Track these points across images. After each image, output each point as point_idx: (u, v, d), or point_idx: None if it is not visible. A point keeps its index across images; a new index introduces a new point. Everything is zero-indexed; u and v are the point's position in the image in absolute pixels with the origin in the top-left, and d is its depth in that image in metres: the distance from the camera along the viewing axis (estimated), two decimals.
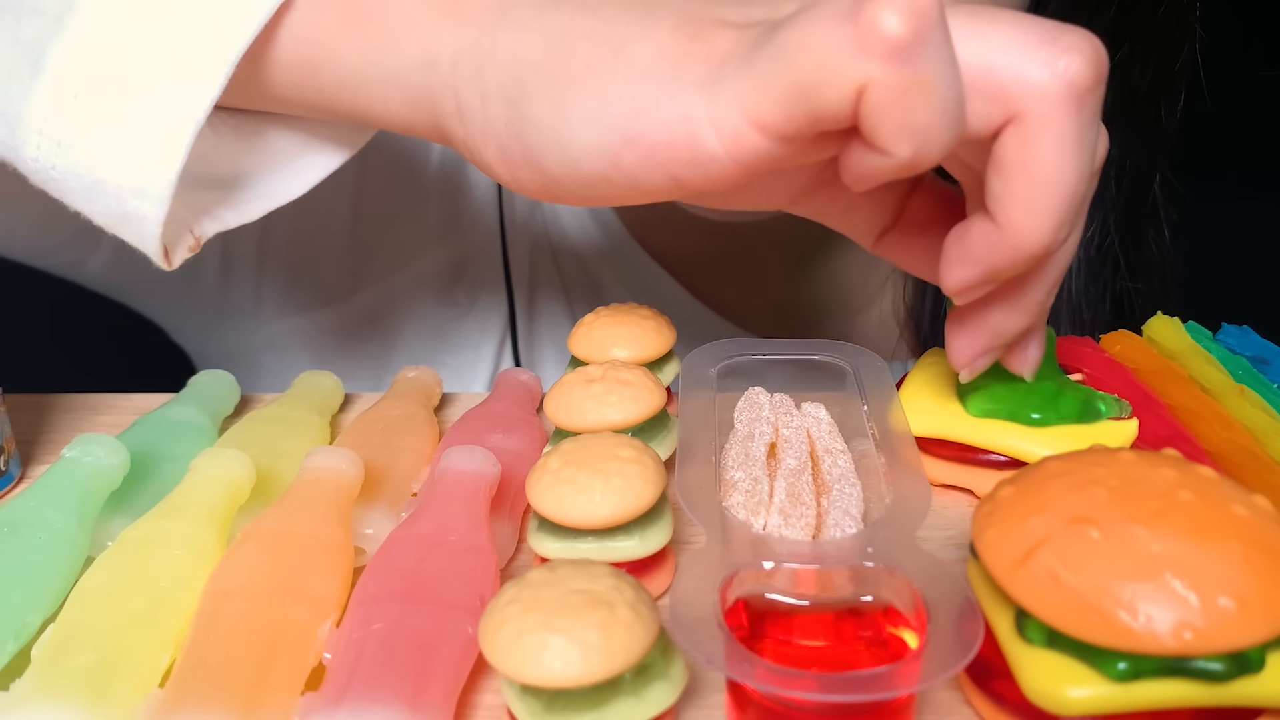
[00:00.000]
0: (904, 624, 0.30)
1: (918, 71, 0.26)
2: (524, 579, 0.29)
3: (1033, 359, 0.37)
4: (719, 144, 0.29)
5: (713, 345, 0.43)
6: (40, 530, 0.35)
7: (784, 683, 0.27)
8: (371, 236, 0.65)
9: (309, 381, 0.48)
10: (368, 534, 0.37)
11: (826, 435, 0.40)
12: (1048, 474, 0.30)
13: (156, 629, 0.32)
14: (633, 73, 0.30)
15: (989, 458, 0.40)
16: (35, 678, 0.29)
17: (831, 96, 0.27)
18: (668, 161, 0.30)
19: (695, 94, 0.29)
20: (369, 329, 0.66)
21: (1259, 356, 0.46)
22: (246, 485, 0.38)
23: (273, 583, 0.33)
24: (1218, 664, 0.27)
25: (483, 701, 0.32)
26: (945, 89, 0.27)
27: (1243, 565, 0.27)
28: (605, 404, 0.38)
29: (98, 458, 0.38)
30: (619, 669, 0.27)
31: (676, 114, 0.29)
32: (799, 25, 0.27)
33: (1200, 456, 0.39)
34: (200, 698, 0.29)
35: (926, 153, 0.28)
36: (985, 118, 0.29)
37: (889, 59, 0.26)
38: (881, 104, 0.27)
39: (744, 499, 0.35)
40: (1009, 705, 0.30)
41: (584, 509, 0.33)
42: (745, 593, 0.31)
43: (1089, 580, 0.27)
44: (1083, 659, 0.28)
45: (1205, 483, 0.29)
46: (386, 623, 0.31)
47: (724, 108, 0.29)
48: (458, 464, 0.37)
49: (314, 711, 0.29)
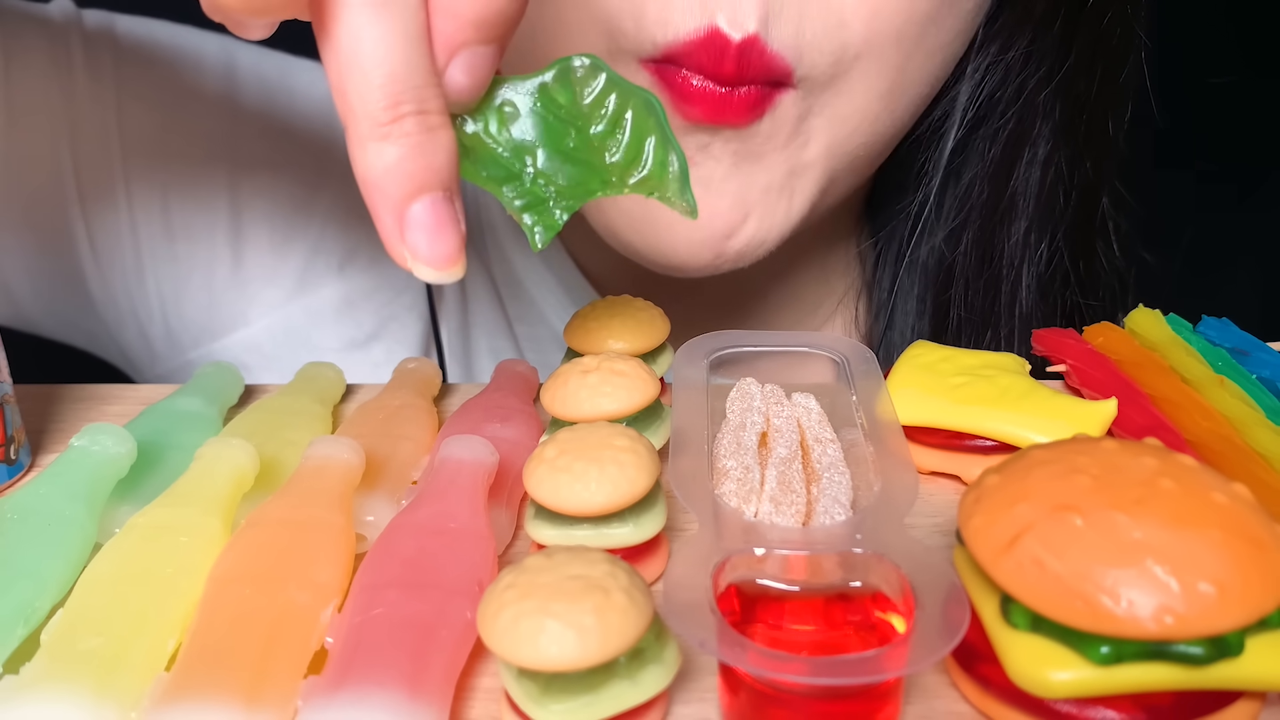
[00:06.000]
0: (892, 609, 0.31)
1: None
2: (521, 565, 0.29)
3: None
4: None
5: (705, 337, 0.43)
6: (49, 518, 0.35)
7: (775, 666, 0.28)
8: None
9: (311, 372, 0.48)
10: (369, 521, 0.38)
11: (816, 425, 0.40)
12: (1032, 462, 0.31)
13: (163, 614, 0.32)
14: None
15: (975, 443, 0.41)
16: (45, 661, 0.30)
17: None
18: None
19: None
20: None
21: (1238, 348, 0.46)
22: (251, 474, 0.38)
23: (276, 569, 0.33)
24: (1198, 648, 0.27)
25: (481, 684, 0.32)
26: None
27: (1223, 552, 0.28)
28: (600, 394, 0.38)
29: (105, 447, 0.38)
30: (614, 653, 0.27)
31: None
32: None
33: (1181, 446, 0.40)
34: (205, 681, 0.29)
35: None
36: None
37: None
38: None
39: (736, 487, 0.35)
40: (994, 688, 0.30)
41: (580, 497, 0.33)
42: (737, 578, 0.31)
43: (1072, 566, 0.28)
44: (1066, 643, 0.28)
45: (1186, 471, 0.30)
46: (387, 608, 0.31)
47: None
48: (456, 453, 0.37)
49: (316, 694, 0.29)
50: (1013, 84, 0.55)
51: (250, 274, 0.65)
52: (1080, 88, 0.55)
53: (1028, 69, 0.54)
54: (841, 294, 0.63)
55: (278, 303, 0.65)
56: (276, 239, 0.64)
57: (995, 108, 0.55)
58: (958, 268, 0.57)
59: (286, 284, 0.65)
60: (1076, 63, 0.54)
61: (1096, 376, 0.45)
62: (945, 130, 0.56)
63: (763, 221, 0.48)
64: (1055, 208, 0.57)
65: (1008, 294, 0.57)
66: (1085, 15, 0.54)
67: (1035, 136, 0.55)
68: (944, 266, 0.58)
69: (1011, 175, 0.56)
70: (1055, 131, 0.55)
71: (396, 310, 0.66)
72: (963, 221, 0.57)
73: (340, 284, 0.65)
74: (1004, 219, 0.56)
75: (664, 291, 0.61)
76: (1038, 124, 0.55)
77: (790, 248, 0.59)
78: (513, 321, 0.66)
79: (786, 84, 0.46)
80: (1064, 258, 0.57)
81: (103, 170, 0.62)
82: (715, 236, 0.48)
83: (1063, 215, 0.57)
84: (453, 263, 0.31)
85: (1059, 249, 0.57)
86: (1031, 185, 0.56)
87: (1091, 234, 0.59)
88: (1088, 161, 0.57)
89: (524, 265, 0.65)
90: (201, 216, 0.63)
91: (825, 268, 0.63)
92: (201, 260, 0.64)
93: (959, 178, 0.57)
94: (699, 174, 0.47)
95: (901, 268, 0.59)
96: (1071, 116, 0.55)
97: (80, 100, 0.61)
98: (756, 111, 0.45)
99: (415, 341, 0.66)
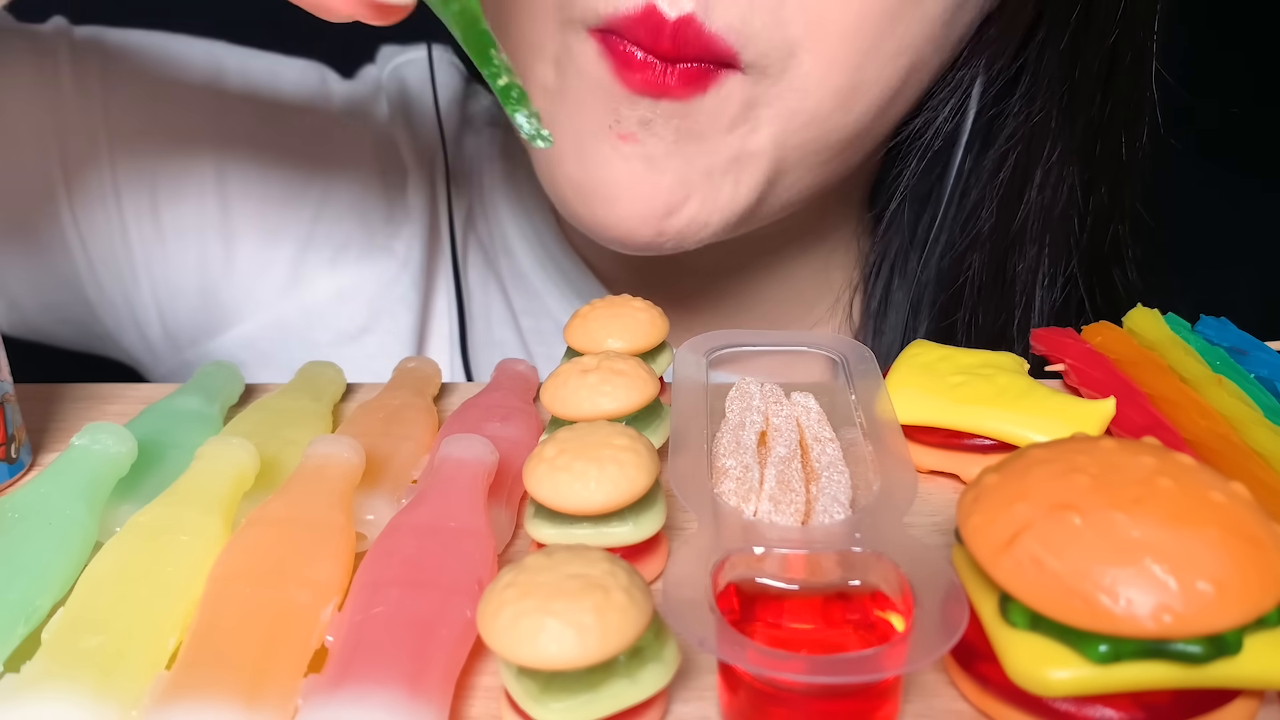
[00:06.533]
0: (891, 608, 0.31)
1: None
2: (521, 564, 0.29)
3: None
4: None
5: (705, 336, 0.43)
6: (50, 516, 0.35)
7: (774, 665, 0.28)
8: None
9: (311, 372, 0.48)
10: (369, 520, 0.38)
11: (815, 424, 0.40)
12: (1031, 461, 0.31)
13: (163, 612, 0.32)
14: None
15: (974, 442, 0.41)
16: (46, 660, 0.30)
17: None
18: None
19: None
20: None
21: (1236, 347, 0.46)
22: (251, 472, 0.38)
23: (276, 567, 0.33)
24: (1196, 646, 0.27)
25: (481, 683, 0.32)
26: None
27: (1221, 550, 0.28)
28: (600, 393, 0.38)
29: (106, 446, 0.38)
30: (613, 651, 0.27)
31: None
32: None
33: (1179, 445, 0.40)
34: (206, 679, 0.29)
35: None
36: None
37: None
38: None
39: (735, 486, 0.35)
40: (993, 686, 0.30)
41: (579, 495, 0.33)
42: (736, 577, 0.31)
43: (1071, 565, 0.28)
44: (1064, 641, 0.28)
45: (1184, 470, 0.30)
46: (387, 606, 0.31)
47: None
48: (456, 452, 0.37)
49: (316, 692, 0.29)
50: (1019, 103, 0.54)
51: (242, 272, 0.65)
52: (1092, 109, 0.55)
53: (1035, 87, 0.54)
54: (839, 293, 0.63)
55: (271, 299, 0.66)
56: (267, 236, 0.65)
57: (1003, 129, 0.55)
58: (966, 289, 0.57)
59: (278, 280, 0.65)
60: (1082, 82, 0.54)
61: (1095, 376, 0.45)
62: (949, 147, 0.55)
63: (705, 204, 0.49)
64: (1069, 233, 0.56)
65: (1021, 318, 0.57)
66: (1090, 35, 0.53)
67: (1045, 160, 0.55)
68: (950, 289, 0.58)
69: (1022, 199, 0.55)
70: (1066, 154, 0.55)
71: (388, 302, 0.66)
72: (970, 244, 0.57)
73: (331, 278, 0.66)
74: (1015, 244, 0.56)
75: (662, 282, 0.62)
76: (1047, 146, 0.55)
77: (789, 241, 0.59)
78: (518, 315, 0.67)
79: (733, 66, 0.46)
80: (1079, 284, 0.57)
81: (91, 174, 0.62)
82: (656, 213, 0.48)
83: (1078, 242, 0.56)
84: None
85: (1074, 275, 0.57)
86: (1043, 209, 0.55)
87: (1106, 260, 0.58)
88: (1103, 186, 0.56)
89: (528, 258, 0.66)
90: (192, 217, 0.64)
91: (827, 266, 0.63)
92: (193, 260, 0.65)
93: (965, 198, 0.57)
94: (641, 150, 0.47)
95: (894, 279, 0.59)
96: (1084, 139, 0.55)
97: (67, 106, 0.61)
98: (699, 86, 0.46)
99: (407, 334, 0.66)
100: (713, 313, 0.63)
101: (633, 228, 0.49)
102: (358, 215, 0.66)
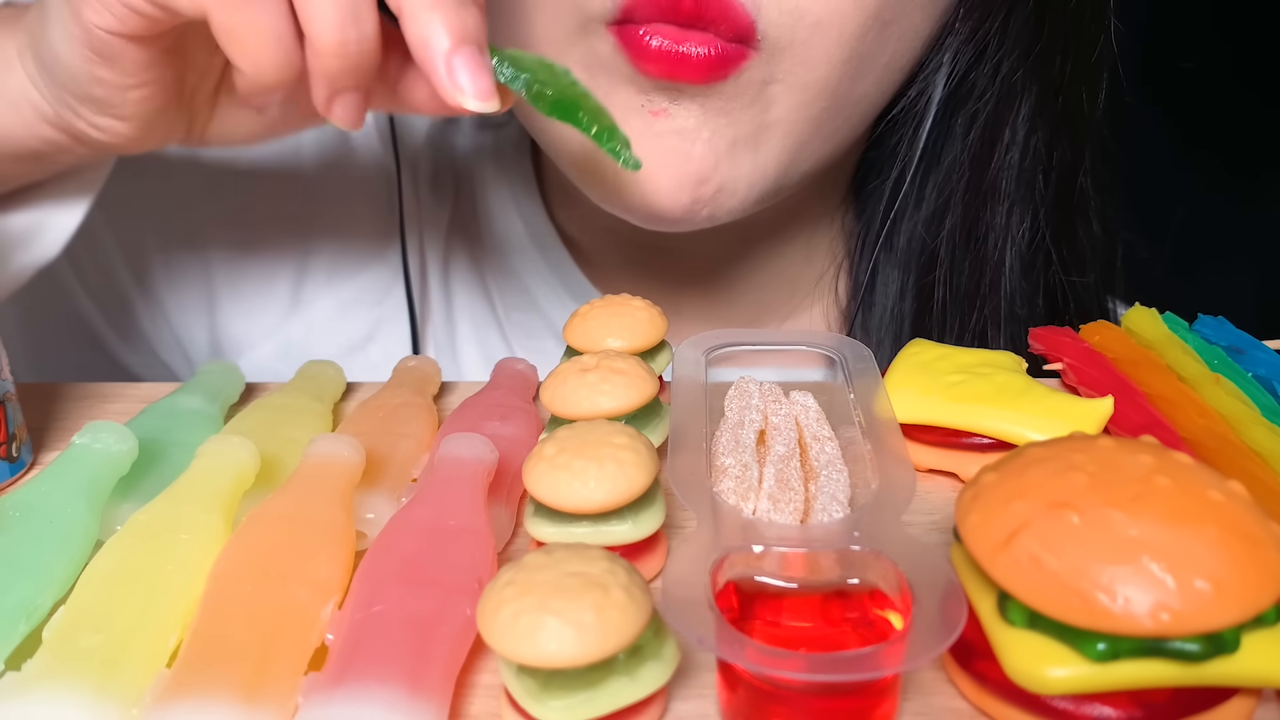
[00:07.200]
0: (889, 606, 0.31)
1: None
2: (521, 562, 0.29)
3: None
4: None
5: (704, 335, 0.43)
6: (51, 515, 0.35)
7: (773, 663, 0.28)
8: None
9: (312, 371, 0.48)
10: (369, 518, 0.38)
11: (814, 423, 0.40)
12: (1029, 460, 0.31)
13: (164, 610, 0.32)
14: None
15: (972, 441, 0.41)
16: (47, 658, 0.30)
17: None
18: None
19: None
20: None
21: (1234, 346, 0.46)
22: (251, 471, 0.38)
23: (277, 566, 0.33)
24: (1194, 645, 0.28)
25: (481, 681, 0.32)
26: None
27: (1218, 549, 0.28)
28: (599, 392, 0.38)
29: (107, 444, 0.38)
30: (613, 650, 0.28)
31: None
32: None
33: (1177, 443, 0.40)
34: (206, 677, 0.29)
35: None
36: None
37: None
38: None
39: (734, 484, 0.36)
40: (991, 685, 0.30)
41: (579, 494, 0.33)
42: (735, 575, 0.32)
43: (1069, 563, 0.28)
44: (1063, 640, 0.28)
45: (1182, 469, 0.30)
46: (387, 604, 0.32)
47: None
48: (456, 451, 0.37)
49: (316, 691, 0.29)
50: (989, 65, 0.56)
51: (246, 304, 0.67)
52: (1054, 69, 0.56)
53: (1002, 50, 0.55)
54: (823, 271, 0.64)
55: (275, 325, 0.67)
56: (266, 265, 0.67)
57: (973, 90, 0.56)
58: (942, 250, 0.59)
59: (281, 305, 0.67)
60: (1049, 44, 0.55)
61: (1093, 375, 0.45)
62: (923, 111, 0.56)
63: (733, 169, 0.50)
64: (1035, 188, 0.58)
65: (992, 274, 0.58)
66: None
67: (1013, 118, 0.56)
68: (927, 250, 0.59)
69: (992, 157, 0.57)
70: (1032, 113, 0.56)
71: (386, 311, 0.67)
72: (945, 204, 0.58)
73: (330, 295, 0.67)
74: (986, 201, 0.58)
75: (650, 260, 0.62)
76: (1015, 106, 0.56)
77: (775, 223, 0.60)
78: (506, 310, 0.67)
79: (749, 42, 0.47)
80: (1045, 237, 0.58)
81: (97, 239, 0.64)
82: (690, 180, 0.49)
83: (1043, 196, 0.58)
84: (490, 95, 0.39)
85: (1041, 229, 0.58)
86: (1011, 166, 0.57)
87: (1072, 213, 0.59)
88: (1065, 142, 0.58)
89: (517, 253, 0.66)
90: (194, 266, 0.67)
91: (810, 245, 0.64)
92: (199, 300, 0.67)
93: (939, 161, 0.58)
94: (672, 124, 0.49)
95: (879, 250, 0.60)
96: (1047, 97, 0.56)
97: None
98: (718, 73, 0.47)
99: (407, 341, 0.67)
100: (703, 297, 0.64)
101: (672, 196, 0.50)
102: (347, 232, 0.67)
